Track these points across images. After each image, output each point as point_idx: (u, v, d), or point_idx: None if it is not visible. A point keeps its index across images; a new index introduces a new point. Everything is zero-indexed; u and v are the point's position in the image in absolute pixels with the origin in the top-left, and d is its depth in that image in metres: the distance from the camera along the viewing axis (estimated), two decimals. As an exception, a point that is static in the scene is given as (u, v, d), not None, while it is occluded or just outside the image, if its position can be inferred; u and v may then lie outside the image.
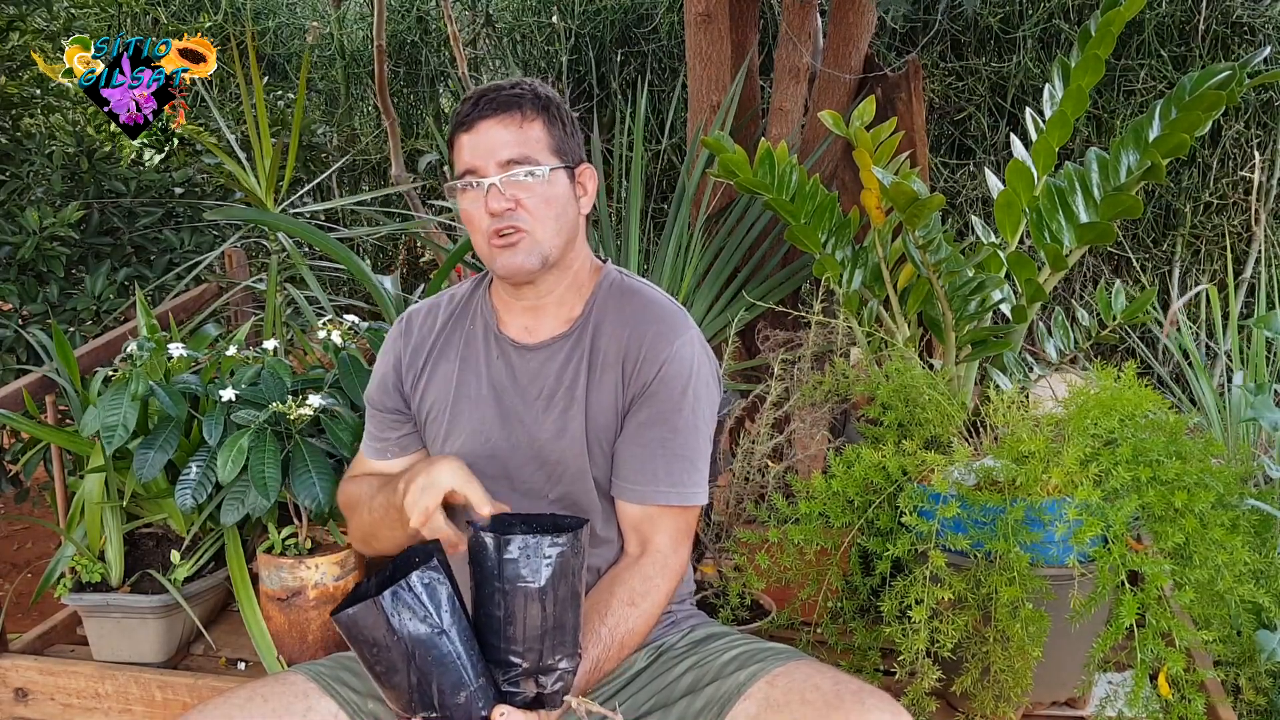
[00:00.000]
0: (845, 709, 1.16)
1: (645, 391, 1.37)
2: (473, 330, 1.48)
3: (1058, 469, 1.40)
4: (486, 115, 1.33)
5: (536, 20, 3.98)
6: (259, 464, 1.67)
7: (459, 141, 1.36)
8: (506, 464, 1.42)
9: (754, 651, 1.32)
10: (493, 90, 1.36)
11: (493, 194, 1.32)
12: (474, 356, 1.46)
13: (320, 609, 1.78)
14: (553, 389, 1.41)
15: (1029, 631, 1.41)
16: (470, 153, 1.34)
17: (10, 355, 2.62)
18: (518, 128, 1.34)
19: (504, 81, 1.38)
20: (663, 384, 1.37)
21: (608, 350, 1.39)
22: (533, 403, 1.42)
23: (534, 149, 1.34)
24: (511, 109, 1.34)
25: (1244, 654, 1.60)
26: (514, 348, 1.44)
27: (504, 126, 1.33)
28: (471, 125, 1.34)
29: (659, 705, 1.34)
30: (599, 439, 1.40)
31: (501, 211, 1.32)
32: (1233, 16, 3.24)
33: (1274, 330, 1.82)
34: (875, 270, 1.89)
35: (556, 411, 1.40)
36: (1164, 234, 3.42)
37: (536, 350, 1.43)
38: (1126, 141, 1.70)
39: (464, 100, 1.38)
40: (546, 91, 1.39)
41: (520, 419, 1.42)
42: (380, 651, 1.13)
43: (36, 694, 1.82)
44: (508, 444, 1.42)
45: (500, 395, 1.43)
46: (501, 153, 1.33)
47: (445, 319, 1.50)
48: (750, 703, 1.23)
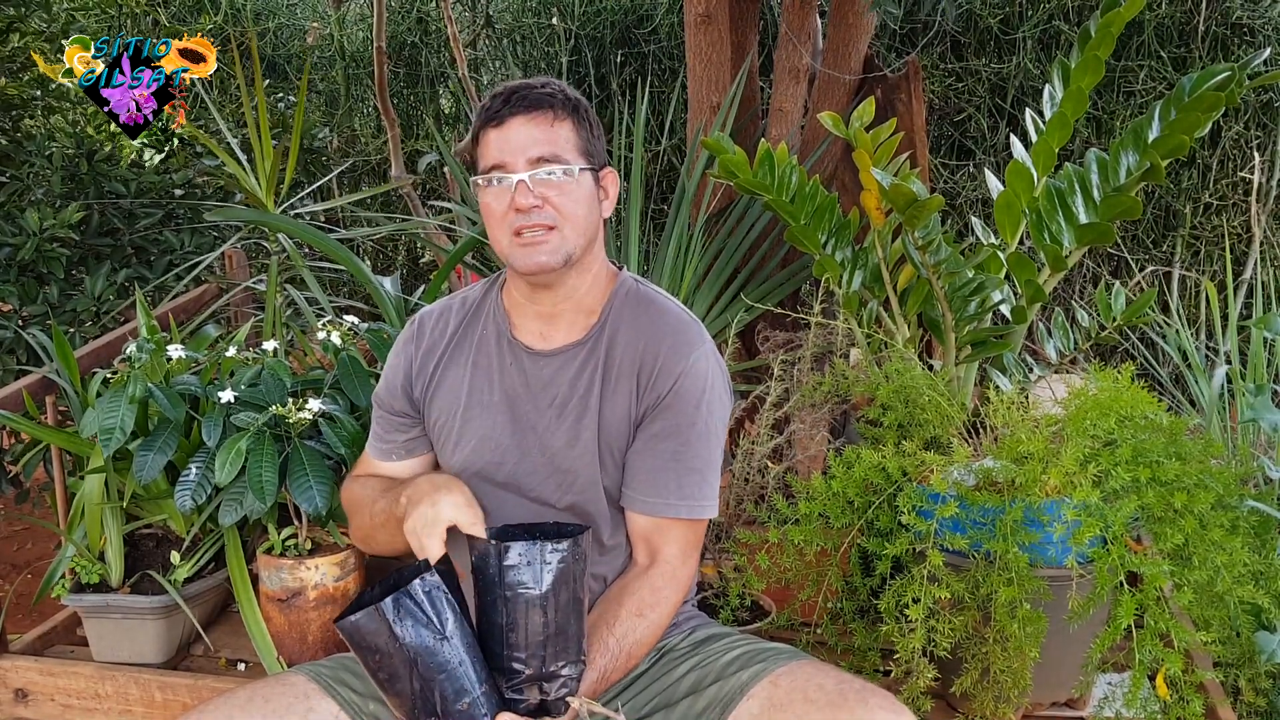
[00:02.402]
0: (849, 708, 1.17)
1: (659, 404, 1.38)
2: (485, 335, 1.47)
3: (1056, 470, 1.40)
4: (518, 112, 1.33)
5: (536, 21, 3.99)
6: (256, 467, 1.67)
7: (487, 136, 1.35)
8: (516, 471, 1.42)
9: (756, 651, 1.33)
10: (523, 88, 1.35)
11: (520, 190, 1.32)
12: (486, 362, 1.45)
13: (320, 610, 1.78)
14: (566, 397, 1.40)
15: (1026, 632, 1.41)
16: (499, 148, 1.34)
17: (10, 356, 2.62)
18: (548, 126, 1.33)
19: (533, 80, 1.38)
20: (677, 397, 1.37)
21: (623, 360, 1.39)
22: (545, 410, 1.41)
23: (563, 148, 1.34)
24: (543, 108, 1.34)
25: (1243, 655, 1.60)
26: (527, 354, 1.43)
27: (534, 124, 1.33)
28: (502, 121, 1.33)
29: (661, 706, 1.34)
30: (611, 448, 1.40)
31: (528, 208, 1.32)
32: (1233, 17, 3.24)
33: (1274, 330, 1.82)
34: (875, 271, 1.89)
35: (570, 420, 1.40)
36: (1164, 235, 3.42)
37: (551, 357, 1.42)
38: (1126, 142, 1.70)
39: (493, 96, 1.37)
40: (575, 93, 1.39)
41: (533, 426, 1.41)
42: (383, 658, 1.14)
43: (36, 695, 1.82)
44: (518, 451, 1.42)
45: (513, 402, 1.42)
46: (531, 150, 1.32)
47: (457, 323, 1.49)
48: (753, 702, 1.24)
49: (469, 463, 1.43)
